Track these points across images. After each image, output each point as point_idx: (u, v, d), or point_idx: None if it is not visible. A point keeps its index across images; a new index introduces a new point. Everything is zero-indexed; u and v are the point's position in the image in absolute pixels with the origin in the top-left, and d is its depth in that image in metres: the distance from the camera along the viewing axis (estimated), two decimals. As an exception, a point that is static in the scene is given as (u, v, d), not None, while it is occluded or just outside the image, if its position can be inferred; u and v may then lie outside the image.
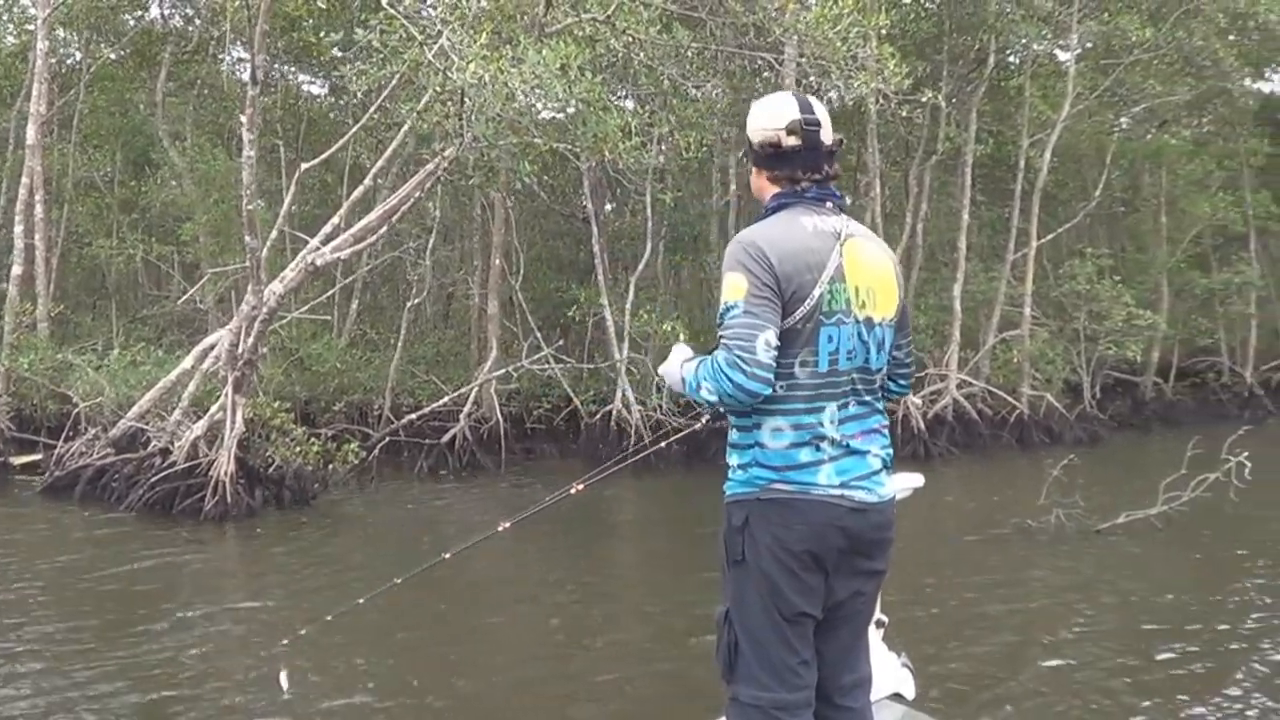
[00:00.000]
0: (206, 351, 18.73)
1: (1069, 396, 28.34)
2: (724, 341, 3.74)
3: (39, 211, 23.06)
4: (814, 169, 4.05)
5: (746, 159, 4.16)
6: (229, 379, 17.18)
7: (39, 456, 20.12)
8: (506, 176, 19.73)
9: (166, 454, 17.72)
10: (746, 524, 3.88)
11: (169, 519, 16.62)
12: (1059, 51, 30.39)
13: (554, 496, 5.29)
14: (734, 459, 3.96)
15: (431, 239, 25.35)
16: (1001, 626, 11.20)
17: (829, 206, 4.06)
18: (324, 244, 18.02)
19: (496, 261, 25.18)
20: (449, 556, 5.44)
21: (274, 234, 19.52)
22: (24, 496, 18.72)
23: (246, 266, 18.04)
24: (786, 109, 4.06)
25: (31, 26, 25.67)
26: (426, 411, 23.36)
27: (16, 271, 22.05)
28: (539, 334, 25.23)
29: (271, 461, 17.76)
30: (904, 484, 4.65)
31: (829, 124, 4.04)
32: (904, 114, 26.25)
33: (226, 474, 16.83)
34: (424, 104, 16.77)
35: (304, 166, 18.91)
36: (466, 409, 23.42)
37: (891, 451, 4.08)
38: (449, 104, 16.15)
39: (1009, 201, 29.97)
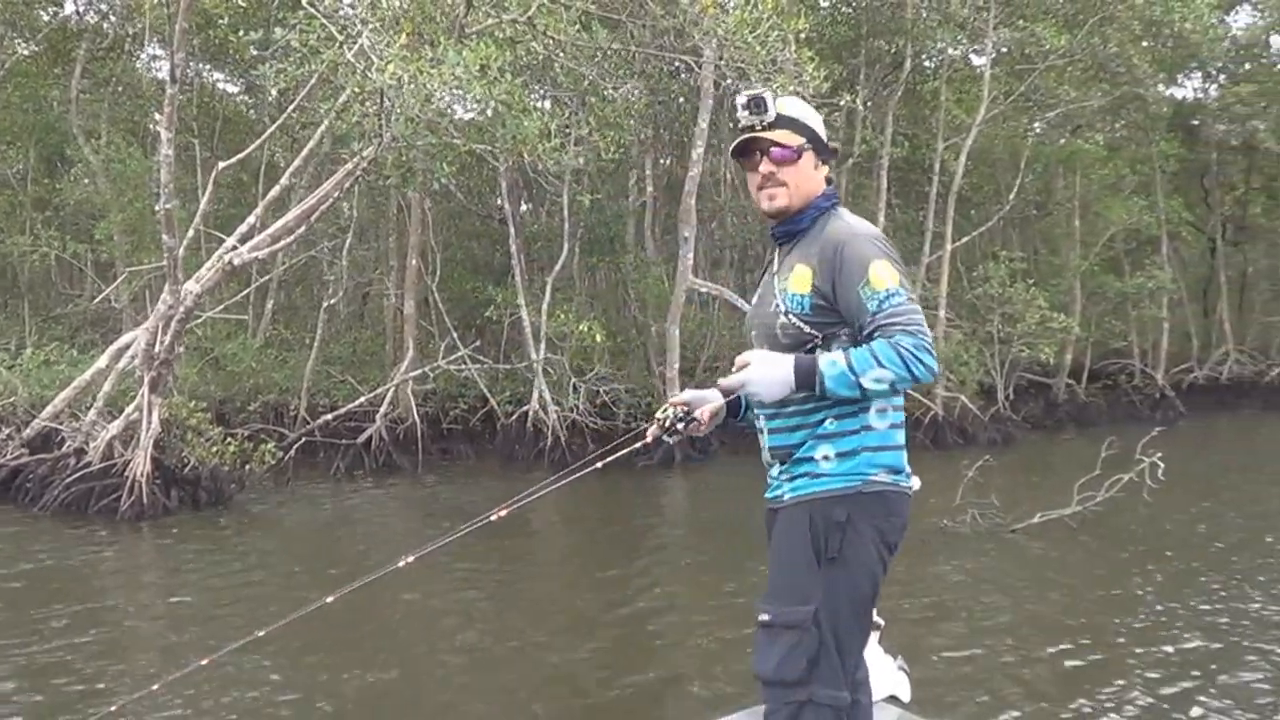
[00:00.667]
0: (122, 351, 18.72)
1: (983, 398, 28.71)
2: (901, 327, 3.81)
3: (-51, 209, 22.95)
4: None
5: (807, 150, 4.16)
6: (145, 379, 17.20)
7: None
8: (424, 177, 19.83)
9: (81, 454, 17.74)
10: (849, 520, 3.92)
11: (84, 520, 16.65)
12: (974, 56, 30.88)
13: (530, 493, 4.75)
14: (828, 449, 4.00)
15: (348, 239, 25.38)
16: (917, 624, 11.49)
17: None
18: (241, 243, 18.07)
19: (413, 262, 25.25)
20: (412, 559, 5.50)
21: (190, 233, 19.53)
22: (-66, 498, 18.60)
23: (162, 266, 18.06)
24: None
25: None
26: (343, 412, 23.40)
27: (-75, 269, 21.95)
28: (455, 334, 25.34)
29: (187, 462, 17.81)
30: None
31: None
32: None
33: (143, 474, 16.89)
34: (341, 103, 16.85)
35: (221, 165, 18.97)
36: (383, 409, 23.48)
37: None
38: (368, 104, 16.22)
39: (924, 204, 30.43)
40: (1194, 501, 18.71)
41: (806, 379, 3.89)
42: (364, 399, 23.61)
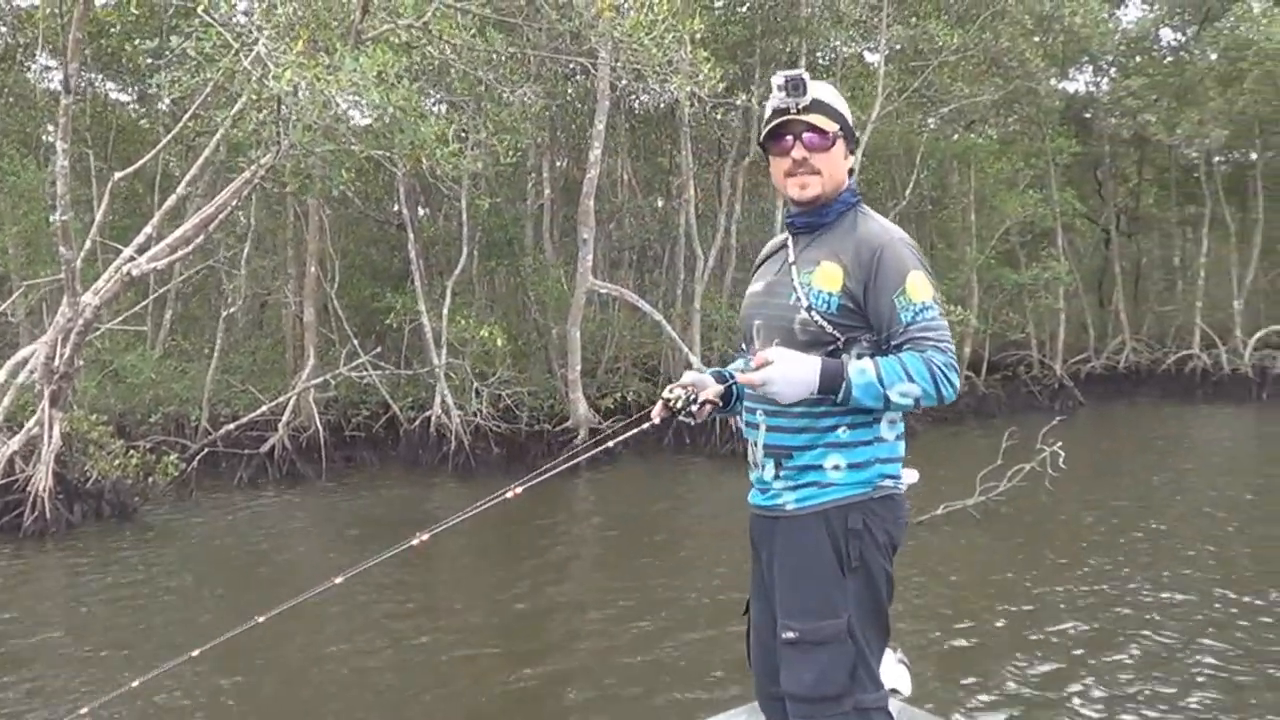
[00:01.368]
0: (20, 365, 18.60)
1: None
2: (934, 342, 3.79)
3: None
4: None
5: (840, 137, 4.09)
6: (45, 393, 17.18)
7: None
8: (323, 184, 19.96)
9: (-19, 471, 17.67)
10: (865, 526, 3.92)
11: (-13, 537, 16.63)
12: (868, 54, 31.28)
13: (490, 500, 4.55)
14: (839, 459, 3.95)
15: (246, 248, 25.34)
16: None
17: None
18: (139, 253, 18.04)
19: (312, 269, 25.29)
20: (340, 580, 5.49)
21: (87, 244, 19.50)
22: None
23: (59, 278, 18.01)
24: None
25: None
26: (244, 421, 23.31)
27: None
28: (356, 341, 25.30)
29: (90, 476, 17.87)
30: (908, 480, 4.46)
31: None
32: (718, 116, 26.78)
33: (45, 489, 16.89)
34: (238, 110, 16.84)
35: (117, 176, 18.98)
36: (285, 418, 23.45)
37: None
38: (265, 111, 16.17)
39: (820, 201, 30.61)
40: (1092, 488, 19.35)
41: (831, 385, 3.81)
42: (265, 408, 23.51)
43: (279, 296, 29.00)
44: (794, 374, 3.78)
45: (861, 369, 3.76)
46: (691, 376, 4.19)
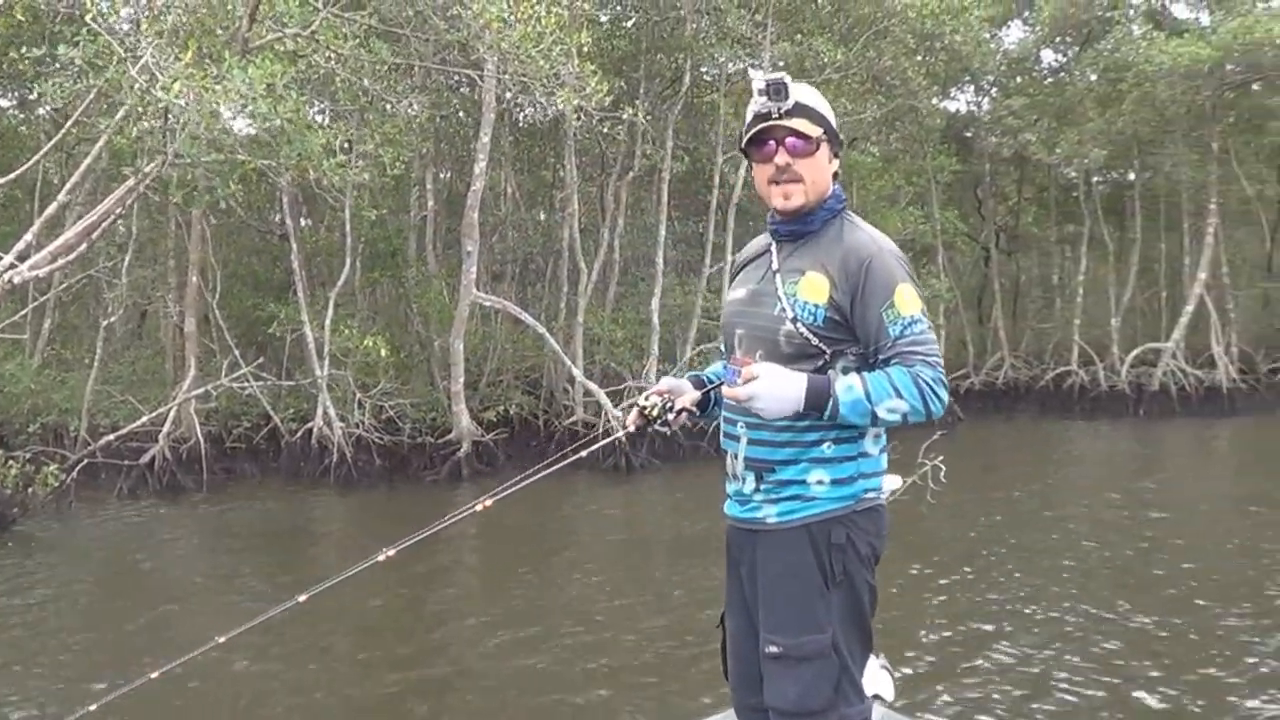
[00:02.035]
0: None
1: None
2: (922, 357, 3.74)
3: None
4: None
5: (823, 142, 4.01)
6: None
7: None
8: (209, 195, 20.00)
9: None
10: (849, 540, 3.90)
11: None
12: (752, 70, 31.60)
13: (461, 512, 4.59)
14: (822, 474, 3.91)
15: (127, 257, 25.26)
16: (707, 630, 12.23)
17: None
18: (20, 261, 18.01)
19: (193, 279, 25.24)
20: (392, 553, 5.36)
21: (-37, 253, 19.44)
22: None
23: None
24: None
25: None
26: (125, 432, 23.15)
27: None
28: (237, 352, 25.26)
29: (-32, 486, 17.86)
30: (888, 485, 4.39)
31: None
32: (604, 130, 27.07)
33: (-75, 500, 16.91)
34: (121, 117, 16.67)
35: (0, 182, 18.99)
36: (165, 429, 23.31)
37: None
38: (151, 120, 16.10)
39: (704, 216, 31.13)
40: (969, 502, 19.81)
41: (817, 402, 3.76)
42: (146, 419, 23.34)
43: (160, 306, 28.88)
44: (781, 391, 3.75)
45: (849, 385, 3.74)
46: (668, 383, 4.22)
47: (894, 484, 4.21)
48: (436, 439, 25.02)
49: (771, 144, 3.98)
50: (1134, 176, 42.55)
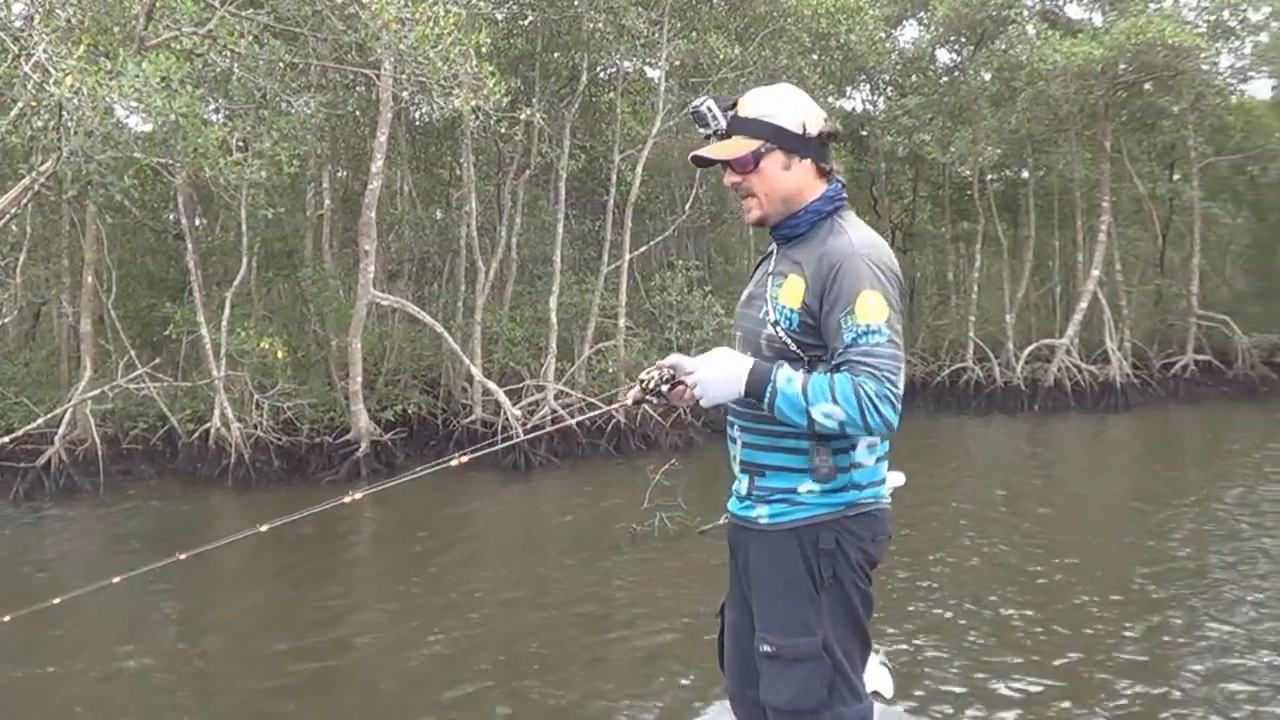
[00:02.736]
0: None
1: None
2: (871, 369, 3.64)
3: None
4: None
5: (768, 151, 3.93)
6: None
7: None
8: (104, 191, 19.99)
9: None
10: (838, 545, 3.88)
11: None
12: (649, 69, 31.93)
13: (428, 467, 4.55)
14: (811, 484, 3.91)
15: (21, 256, 25.16)
16: (626, 624, 12.62)
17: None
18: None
19: (88, 279, 25.17)
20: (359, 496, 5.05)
21: None
22: None
23: None
24: (808, 97, 4.08)
25: None
26: (19, 434, 23.00)
27: None
28: (133, 352, 25.19)
29: None
30: (892, 483, 4.42)
31: None
32: (501, 130, 27.23)
33: None
34: (15, 115, 16.68)
35: (-111, 183, 18.93)
36: (61, 430, 23.31)
37: None
38: (45, 117, 15.99)
39: (602, 215, 31.49)
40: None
41: (757, 388, 3.75)
42: (41, 420, 23.25)
43: (54, 306, 28.78)
44: (724, 371, 3.80)
45: (790, 378, 3.71)
46: (674, 359, 4.08)
47: (897, 481, 4.33)
48: (335, 439, 25.14)
49: (720, 164, 4.01)
50: (1028, 175, 43.35)
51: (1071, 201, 41.24)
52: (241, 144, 19.62)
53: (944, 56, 42.04)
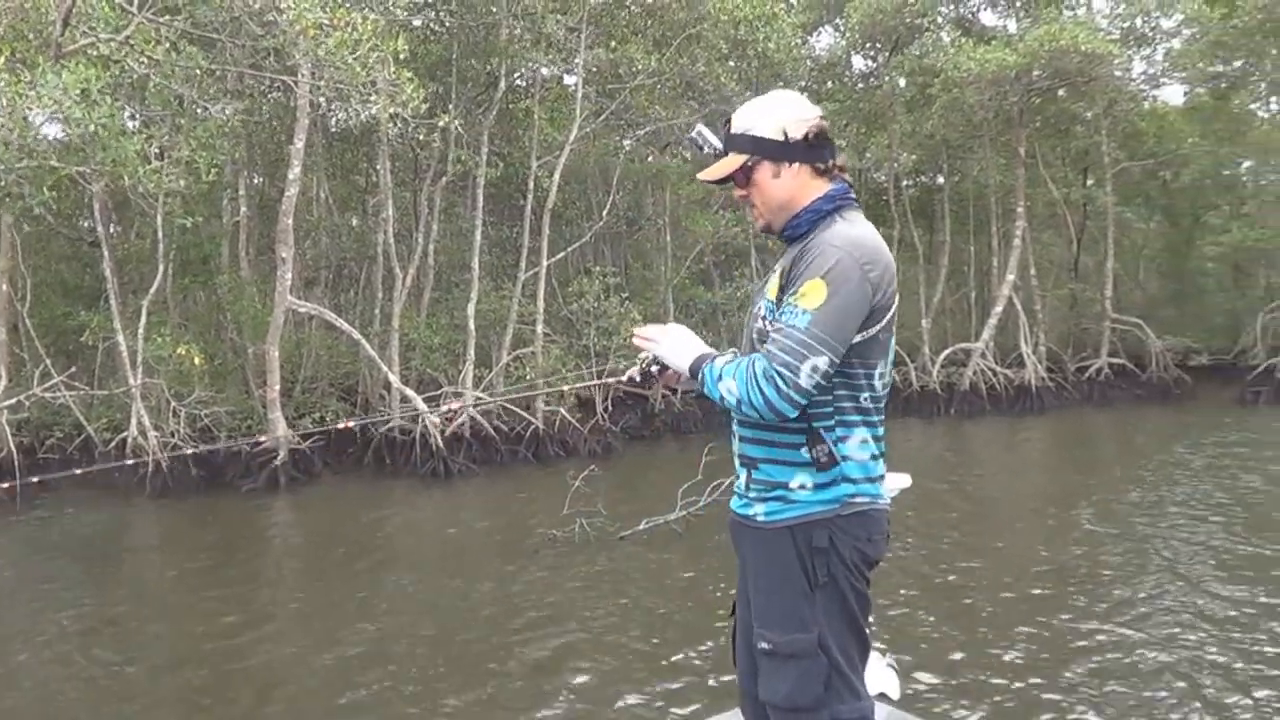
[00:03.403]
0: None
1: (581, 411, 29.55)
2: (769, 349, 3.74)
3: None
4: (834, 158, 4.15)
5: (755, 164, 4.08)
6: None
7: None
8: (22, 201, 20.05)
9: None
10: (832, 544, 3.90)
11: None
12: (567, 76, 32.18)
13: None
14: (805, 478, 3.95)
15: (-65, 265, 25.10)
16: (535, 629, 12.90)
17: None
18: None
19: (2, 287, 25.08)
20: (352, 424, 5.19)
21: None
22: None
23: None
24: (801, 98, 4.20)
25: None
26: (-65, 444, 23.14)
27: None
28: (49, 361, 25.18)
29: None
30: (896, 484, 4.52)
31: None
32: (420, 137, 27.32)
33: None
34: None
35: None
36: (-24, 440, 23.28)
37: None
38: None
39: (519, 221, 31.67)
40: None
41: (698, 364, 3.97)
42: (-44, 430, 23.36)
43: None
44: (680, 346, 4.08)
45: (717, 355, 3.97)
46: (652, 329, 4.23)
47: (900, 483, 4.48)
48: (252, 447, 25.14)
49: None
50: (943, 180, 44.18)
51: (986, 207, 41.82)
52: (159, 152, 19.63)
53: (859, 63, 42.61)
